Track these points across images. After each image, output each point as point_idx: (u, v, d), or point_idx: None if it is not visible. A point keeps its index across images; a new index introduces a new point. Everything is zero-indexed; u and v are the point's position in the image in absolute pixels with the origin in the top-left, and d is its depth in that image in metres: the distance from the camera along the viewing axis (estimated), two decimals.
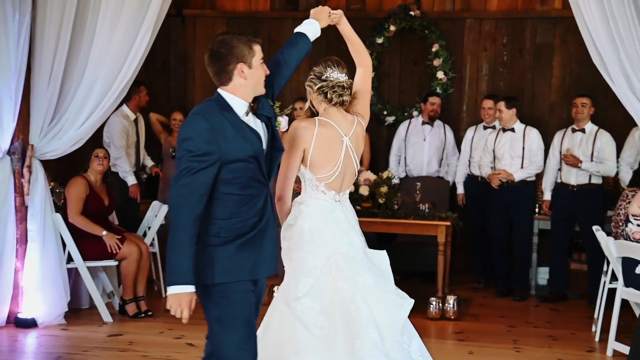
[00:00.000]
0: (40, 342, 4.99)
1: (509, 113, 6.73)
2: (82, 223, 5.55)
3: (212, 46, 2.91)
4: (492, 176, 6.73)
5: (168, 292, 2.74)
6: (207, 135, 2.77)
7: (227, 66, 2.89)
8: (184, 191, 2.74)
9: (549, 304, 6.54)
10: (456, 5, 7.72)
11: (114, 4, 5.30)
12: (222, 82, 2.92)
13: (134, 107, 6.79)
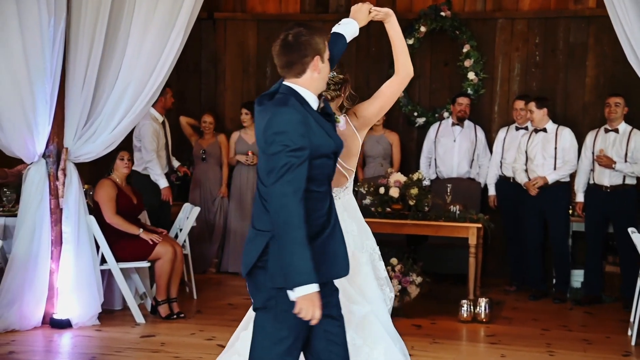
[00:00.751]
0: (75, 343, 5.06)
1: (539, 113, 6.65)
2: (119, 223, 5.62)
3: (287, 35, 2.79)
4: (529, 185, 6.63)
5: (296, 295, 2.59)
6: (301, 128, 2.66)
7: (304, 57, 2.77)
8: (289, 188, 2.61)
9: (583, 307, 6.44)
10: (487, 6, 7.66)
11: (146, 8, 5.36)
12: (294, 73, 2.79)
13: (160, 109, 6.84)
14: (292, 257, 2.60)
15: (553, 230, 6.75)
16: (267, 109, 2.77)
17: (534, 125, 6.74)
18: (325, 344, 2.83)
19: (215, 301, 6.41)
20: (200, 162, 7.60)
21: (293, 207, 2.60)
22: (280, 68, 2.83)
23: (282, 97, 2.78)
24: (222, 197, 7.60)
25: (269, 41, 8.11)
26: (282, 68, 2.82)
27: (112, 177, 5.75)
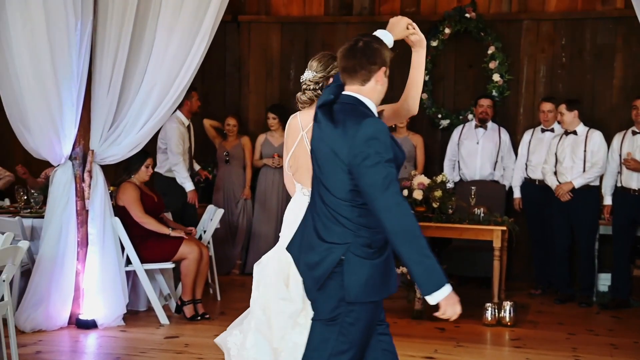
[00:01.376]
0: (100, 343, 5.11)
1: (570, 115, 6.58)
2: (149, 222, 5.67)
3: (358, 41, 2.79)
4: (560, 192, 6.56)
5: (437, 299, 2.61)
6: (389, 139, 2.68)
7: (373, 65, 2.78)
8: (400, 198, 2.62)
9: (610, 312, 6.36)
10: (513, 7, 7.60)
11: (171, 12, 5.40)
12: (358, 80, 2.79)
13: (187, 113, 6.88)
14: (425, 263, 2.59)
15: (581, 234, 6.67)
16: (343, 122, 2.73)
17: (564, 127, 6.66)
18: (380, 353, 2.92)
19: (238, 303, 6.40)
20: (224, 165, 7.64)
21: (411, 215, 2.63)
22: (345, 72, 2.82)
23: (355, 108, 2.77)
24: (246, 199, 7.63)
25: (292, 44, 8.14)
26: (347, 72, 2.81)
27: (132, 180, 5.79)
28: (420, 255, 2.59)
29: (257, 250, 7.54)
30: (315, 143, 2.86)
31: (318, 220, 2.82)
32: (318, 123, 2.85)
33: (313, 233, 2.83)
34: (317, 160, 2.85)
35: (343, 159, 2.71)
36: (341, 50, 2.83)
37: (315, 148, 2.87)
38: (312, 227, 2.84)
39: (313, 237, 2.83)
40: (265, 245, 7.48)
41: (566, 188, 6.53)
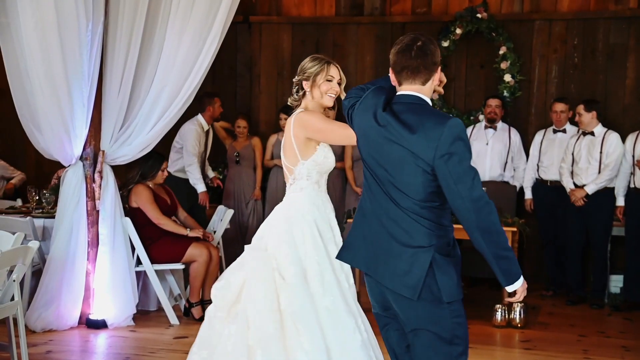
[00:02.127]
0: (110, 343, 5.13)
1: (588, 116, 6.53)
2: (167, 223, 5.69)
3: (416, 40, 2.78)
4: (574, 198, 6.52)
5: (516, 286, 2.77)
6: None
7: (434, 65, 2.80)
8: (486, 195, 2.71)
9: (622, 313, 6.31)
10: (525, 7, 7.56)
11: (182, 12, 5.41)
12: (419, 81, 2.78)
13: (208, 118, 6.92)
14: (508, 257, 2.72)
15: (594, 236, 6.62)
16: (421, 123, 2.70)
17: (582, 127, 6.61)
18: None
19: None
20: (234, 165, 7.65)
21: (496, 212, 2.72)
22: (405, 71, 2.79)
23: (424, 108, 2.77)
24: (256, 200, 7.64)
25: (304, 44, 8.14)
26: (408, 72, 2.79)
27: (144, 182, 5.81)
28: (504, 250, 2.70)
29: None
30: (378, 147, 2.80)
31: (394, 226, 2.78)
32: (383, 126, 2.79)
33: (389, 240, 2.78)
34: (383, 165, 2.80)
35: (426, 160, 2.69)
36: (400, 49, 2.80)
37: (376, 152, 2.81)
38: (387, 234, 2.79)
39: (391, 244, 2.78)
40: None
41: (579, 195, 6.48)
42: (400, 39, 2.86)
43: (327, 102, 3.58)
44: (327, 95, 3.56)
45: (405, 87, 2.82)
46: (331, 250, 3.46)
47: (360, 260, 2.91)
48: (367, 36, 7.98)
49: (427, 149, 2.68)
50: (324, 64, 3.56)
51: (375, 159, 2.83)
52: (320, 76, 3.53)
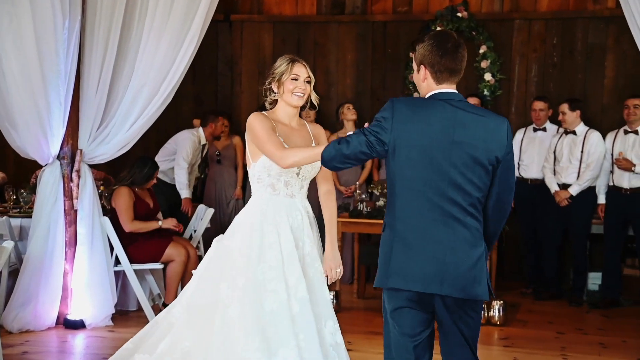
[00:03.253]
0: (88, 343, 5.10)
1: (572, 115, 6.58)
2: (138, 228, 5.65)
3: (460, 42, 2.89)
4: (559, 199, 6.56)
5: None
6: None
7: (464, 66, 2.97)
8: None
9: (600, 310, 6.36)
10: (505, 6, 7.60)
11: (161, 10, 5.37)
12: (455, 80, 2.90)
13: (208, 134, 6.92)
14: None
15: (573, 233, 6.67)
16: (484, 120, 2.83)
17: (565, 126, 6.64)
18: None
19: None
20: (215, 164, 7.63)
21: None
22: (447, 73, 2.85)
23: (472, 106, 2.89)
24: (237, 199, 7.62)
25: (285, 43, 8.13)
26: (452, 71, 2.87)
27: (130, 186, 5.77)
28: None
29: None
30: (444, 150, 2.79)
31: (461, 229, 2.78)
32: (452, 126, 2.79)
33: (457, 246, 2.78)
34: (447, 167, 2.78)
35: (490, 157, 2.80)
36: (444, 52, 2.83)
37: (443, 156, 2.79)
38: (451, 241, 2.78)
39: (458, 249, 2.78)
40: None
41: (564, 196, 6.53)
42: (439, 38, 2.87)
43: (294, 101, 3.48)
44: (294, 94, 3.47)
45: (445, 86, 2.88)
46: (273, 255, 3.36)
47: (416, 282, 2.83)
48: (348, 35, 7.99)
49: (499, 147, 2.81)
50: (289, 62, 3.49)
51: (436, 165, 2.78)
52: (285, 75, 3.46)
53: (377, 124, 2.84)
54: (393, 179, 2.84)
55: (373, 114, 3.27)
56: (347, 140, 2.86)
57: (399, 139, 2.80)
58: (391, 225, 2.85)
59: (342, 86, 7.90)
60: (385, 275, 2.85)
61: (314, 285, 3.42)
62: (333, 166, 2.94)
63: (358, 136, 2.84)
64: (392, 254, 2.83)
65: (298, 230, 3.46)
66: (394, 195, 2.84)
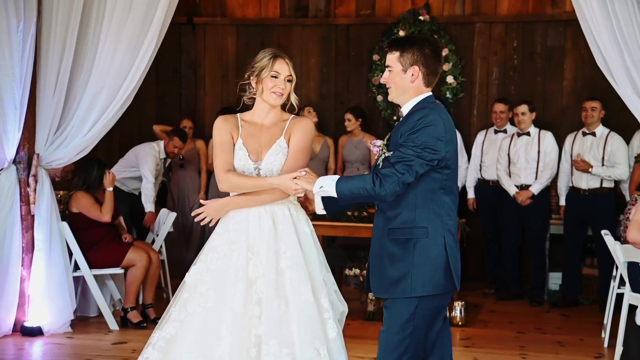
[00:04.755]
0: (45, 351, 5.02)
1: (531, 116, 6.68)
2: (109, 209, 5.59)
3: (432, 41, 3.00)
4: (520, 199, 6.63)
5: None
6: None
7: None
8: None
9: (560, 310, 6.45)
10: (466, 10, 7.67)
11: (119, 12, 5.33)
12: (431, 84, 3.02)
13: (167, 150, 6.79)
14: None
15: (532, 234, 6.76)
16: None
17: (521, 128, 6.72)
18: None
19: None
20: (179, 169, 7.57)
21: None
22: (437, 75, 3.05)
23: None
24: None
25: (248, 46, 8.11)
26: (437, 76, 3.06)
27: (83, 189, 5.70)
28: None
29: None
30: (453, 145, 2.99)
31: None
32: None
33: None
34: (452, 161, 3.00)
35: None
36: (442, 57, 3.04)
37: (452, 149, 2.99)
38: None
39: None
40: None
41: (526, 196, 6.61)
42: (435, 44, 3.03)
43: (272, 100, 3.26)
44: (272, 93, 3.24)
45: (430, 89, 3.05)
46: (213, 258, 3.31)
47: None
48: (311, 38, 8.00)
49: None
50: (270, 57, 3.24)
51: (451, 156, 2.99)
52: (265, 71, 3.23)
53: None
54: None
55: (336, 117, 3.29)
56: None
57: (448, 147, 3.00)
58: (438, 230, 2.95)
59: (305, 89, 7.90)
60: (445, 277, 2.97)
61: (260, 301, 3.19)
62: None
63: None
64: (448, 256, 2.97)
65: (256, 236, 3.27)
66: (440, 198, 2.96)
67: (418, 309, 2.94)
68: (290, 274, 3.20)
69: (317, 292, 3.21)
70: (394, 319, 2.97)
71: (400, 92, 3.01)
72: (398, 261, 2.93)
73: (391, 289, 2.97)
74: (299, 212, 3.35)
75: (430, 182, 2.90)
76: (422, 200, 2.90)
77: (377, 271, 3.02)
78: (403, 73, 2.96)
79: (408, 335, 2.96)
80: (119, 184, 6.53)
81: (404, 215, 2.92)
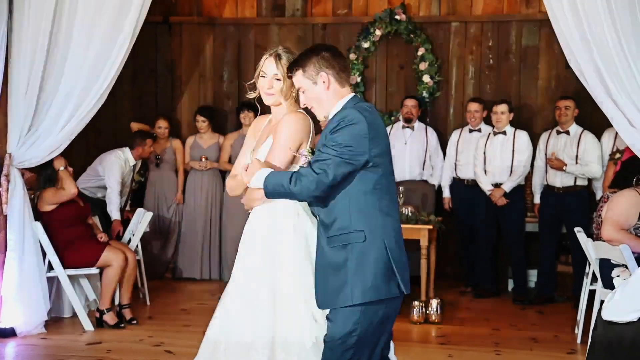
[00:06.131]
0: (18, 352, 4.97)
1: (510, 117, 6.74)
2: (69, 183, 5.52)
3: (324, 45, 3.05)
4: (494, 198, 6.67)
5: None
6: None
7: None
8: None
9: (535, 307, 6.50)
10: (442, 10, 7.72)
11: (91, 12, 5.29)
12: (346, 81, 2.98)
13: (136, 156, 6.71)
14: None
15: (509, 232, 6.80)
16: None
17: (498, 127, 6.77)
18: None
19: (168, 307, 6.36)
20: (155, 168, 7.54)
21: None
22: (346, 70, 3.04)
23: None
24: (178, 204, 7.54)
25: (225, 45, 8.09)
26: (347, 71, 3.07)
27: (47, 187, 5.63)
28: None
29: (188, 255, 7.48)
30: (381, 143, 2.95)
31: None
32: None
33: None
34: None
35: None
36: (337, 52, 3.00)
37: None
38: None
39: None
40: (196, 248, 7.43)
41: (498, 194, 6.65)
42: (330, 45, 3.06)
43: (264, 100, 3.24)
44: (264, 93, 3.23)
45: (348, 89, 3.01)
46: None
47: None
48: (288, 37, 8.00)
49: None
50: (264, 57, 3.25)
51: (390, 164, 3.02)
52: (257, 71, 3.24)
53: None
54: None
55: (312, 114, 3.24)
56: None
57: (376, 143, 2.95)
58: (377, 232, 2.85)
59: None
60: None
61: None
62: None
63: None
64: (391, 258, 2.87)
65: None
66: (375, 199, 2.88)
67: (362, 318, 2.79)
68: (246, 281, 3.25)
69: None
70: (337, 330, 2.83)
71: (323, 105, 2.94)
72: (339, 269, 2.80)
73: (332, 300, 2.82)
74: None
75: (363, 183, 2.80)
76: (356, 203, 2.79)
77: (321, 282, 2.89)
78: (315, 85, 2.91)
79: (352, 346, 2.82)
80: (88, 193, 6.47)
81: (339, 221, 2.81)
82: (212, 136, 7.59)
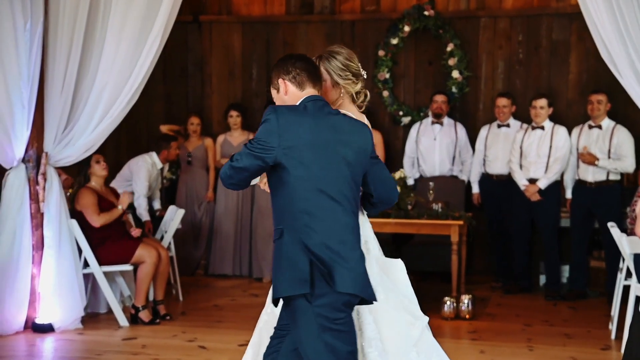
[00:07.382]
0: (56, 347, 5.08)
1: (549, 111, 6.67)
2: (106, 220, 5.63)
3: (287, 55, 3.09)
4: (528, 194, 6.62)
5: None
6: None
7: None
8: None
9: (567, 302, 6.46)
10: (471, 4, 7.68)
11: (121, 11, 5.34)
12: (305, 83, 3.00)
13: (162, 159, 6.80)
14: None
15: (543, 228, 6.73)
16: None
17: (537, 121, 6.69)
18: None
19: (200, 303, 6.43)
20: (186, 166, 7.62)
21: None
22: (308, 72, 3.02)
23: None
24: (209, 202, 7.61)
25: (254, 43, 8.15)
26: (310, 72, 3.05)
27: (90, 186, 5.75)
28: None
29: (220, 251, 7.55)
30: (328, 152, 2.93)
31: (348, 228, 2.93)
32: (333, 130, 2.96)
33: (348, 246, 2.90)
34: (329, 167, 2.93)
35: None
36: (300, 57, 3.05)
37: (325, 156, 2.93)
38: (344, 236, 2.89)
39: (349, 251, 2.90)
40: (227, 245, 7.50)
41: (533, 190, 6.60)
42: (292, 54, 3.12)
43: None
44: None
45: (311, 90, 3.00)
46: None
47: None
48: (317, 35, 8.02)
49: (365, 147, 2.97)
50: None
51: (325, 163, 2.88)
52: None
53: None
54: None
55: None
56: None
57: (288, 140, 2.94)
58: (292, 230, 2.87)
59: None
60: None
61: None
62: None
63: None
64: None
65: None
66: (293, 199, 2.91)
67: (297, 314, 2.84)
68: None
69: None
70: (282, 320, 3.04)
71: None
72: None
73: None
74: None
75: (284, 183, 2.86)
76: (280, 201, 2.89)
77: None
78: (277, 93, 3.03)
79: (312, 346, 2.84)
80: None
81: (274, 217, 2.95)
82: (242, 134, 7.65)
